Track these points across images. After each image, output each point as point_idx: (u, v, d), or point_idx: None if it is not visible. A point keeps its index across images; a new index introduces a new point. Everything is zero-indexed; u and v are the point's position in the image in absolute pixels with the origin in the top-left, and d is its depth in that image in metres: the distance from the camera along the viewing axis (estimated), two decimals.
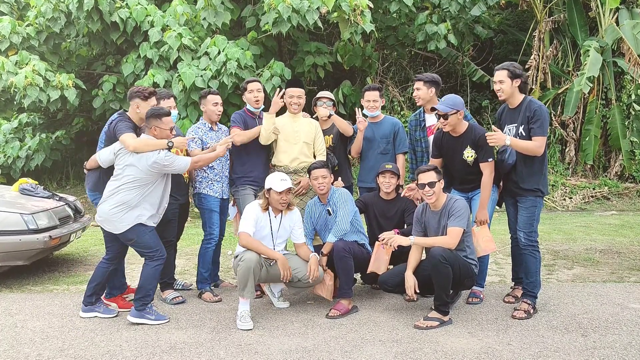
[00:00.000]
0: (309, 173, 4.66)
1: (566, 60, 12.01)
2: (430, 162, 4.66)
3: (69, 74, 9.43)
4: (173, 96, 4.94)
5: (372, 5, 8.91)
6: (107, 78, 9.81)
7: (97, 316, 4.32)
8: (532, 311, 4.21)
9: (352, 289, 4.39)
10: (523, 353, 3.52)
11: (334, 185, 4.70)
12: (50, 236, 5.30)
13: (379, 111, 5.08)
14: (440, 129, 4.48)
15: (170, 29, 9.08)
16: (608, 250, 6.49)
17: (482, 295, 4.63)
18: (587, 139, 11.14)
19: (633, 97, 11.20)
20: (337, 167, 5.07)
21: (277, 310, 4.51)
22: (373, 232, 4.76)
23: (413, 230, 4.36)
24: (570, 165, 11.48)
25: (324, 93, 5.26)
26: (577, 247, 6.72)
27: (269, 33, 9.02)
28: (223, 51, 8.78)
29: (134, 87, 4.54)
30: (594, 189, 10.85)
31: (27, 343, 3.84)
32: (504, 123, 4.37)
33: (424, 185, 4.18)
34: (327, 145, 5.13)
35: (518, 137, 4.21)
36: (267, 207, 4.35)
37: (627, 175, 11.24)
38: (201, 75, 8.66)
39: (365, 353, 3.57)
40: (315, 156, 5.01)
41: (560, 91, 11.55)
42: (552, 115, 11.30)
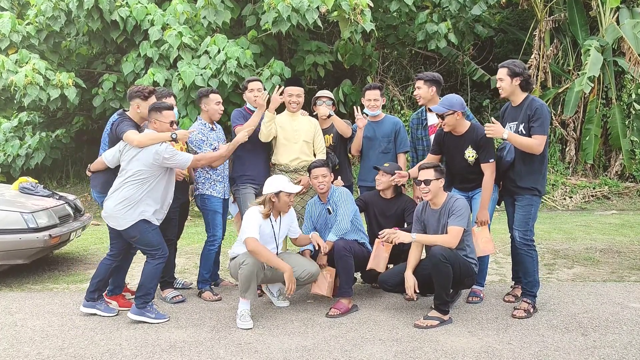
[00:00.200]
0: (309, 172, 4.66)
1: (566, 59, 11.99)
2: (428, 157, 4.67)
3: (69, 72, 9.42)
4: (173, 95, 4.94)
5: (372, 4, 8.90)
6: (107, 77, 9.80)
7: (96, 313, 4.32)
8: (532, 310, 4.21)
9: (352, 288, 4.39)
10: (523, 352, 3.52)
11: (333, 185, 4.70)
12: (50, 235, 5.30)
13: (379, 110, 5.08)
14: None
15: (171, 27, 9.08)
16: (608, 250, 6.49)
17: (482, 295, 4.62)
18: (587, 138, 11.13)
19: (633, 96, 11.19)
20: (337, 166, 5.07)
21: (277, 309, 4.50)
22: (373, 231, 4.75)
23: (413, 229, 4.35)
24: (571, 165, 11.47)
25: (324, 92, 5.25)
26: (577, 246, 6.72)
27: (269, 32, 9.02)
28: (223, 50, 8.77)
29: (134, 86, 4.53)
30: (594, 188, 10.84)
31: (27, 342, 3.84)
32: (506, 121, 4.37)
33: (420, 182, 4.18)
34: (327, 144, 5.13)
35: (518, 134, 4.20)
36: (269, 214, 4.25)
37: (628, 175, 11.24)
38: (201, 74, 8.65)
39: (365, 352, 3.57)
40: (315, 154, 5.01)
41: (560, 90, 11.54)
42: (553, 115, 11.29)
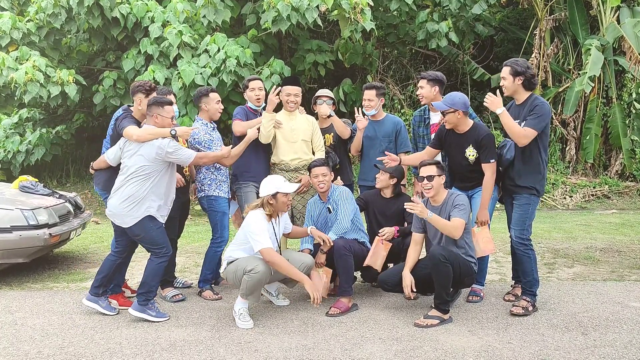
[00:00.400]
0: (309, 171, 4.66)
1: (567, 58, 11.98)
2: (426, 149, 4.67)
3: (69, 69, 9.41)
4: (173, 93, 4.93)
5: (372, 3, 8.89)
6: (108, 74, 9.80)
7: (97, 309, 4.31)
8: (530, 308, 4.21)
9: (352, 287, 4.39)
10: (523, 351, 3.52)
11: (334, 184, 4.69)
12: (50, 233, 5.30)
13: (375, 110, 5.04)
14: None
15: (171, 24, 9.07)
16: (608, 249, 6.49)
17: (482, 294, 4.62)
18: (587, 138, 11.13)
19: (634, 95, 11.18)
20: (338, 166, 5.07)
21: (276, 308, 4.50)
22: (373, 230, 4.75)
23: (413, 227, 4.36)
24: (571, 164, 11.47)
25: (324, 91, 5.24)
26: (577, 245, 6.72)
27: (269, 31, 9.01)
28: (223, 49, 8.77)
29: (136, 82, 4.53)
30: (594, 187, 10.84)
31: (27, 340, 3.83)
32: None
33: (422, 178, 4.18)
34: (328, 143, 5.13)
35: None
36: (271, 216, 4.24)
37: (628, 174, 11.24)
38: (201, 73, 8.65)
39: (365, 351, 3.57)
40: (314, 153, 5.01)
41: (561, 89, 11.53)
42: (553, 114, 11.29)
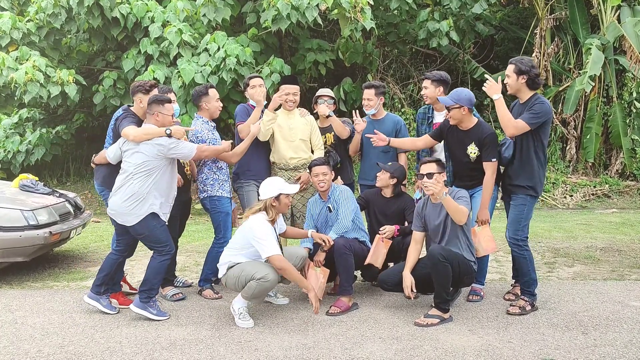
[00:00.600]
0: (310, 170, 4.66)
1: (567, 57, 11.97)
2: (424, 137, 4.68)
3: (69, 69, 9.40)
4: (173, 92, 4.93)
5: (372, 2, 8.88)
6: (108, 74, 9.79)
7: (98, 307, 4.31)
8: (528, 307, 4.20)
9: (352, 286, 4.39)
10: (523, 351, 3.52)
11: (334, 183, 4.69)
12: (50, 232, 5.30)
13: (375, 109, 5.05)
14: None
15: (171, 24, 9.07)
16: (609, 248, 6.48)
17: (482, 293, 4.62)
18: (588, 137, 11.11)
19: (634, 94, 11.15)
20: (339, 165, 5.07)
21: (276, 307, 4.50)
22: (373, 229, 4.75)
23: (413, 225, 4.36)
24: (571, 163, 11.46)
25: (325, 91, 5.24)
26: (577, 244, 6.71)
27: (269, 30, 9.00)
28: (222, 47, 8.76)
29: (136, 82, 4.54)
30: (594, 186, 10.83)
31: (27, 339, 3.84)
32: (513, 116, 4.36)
33: (422, 175, 4.19)
34: (328, 143, 5.14)
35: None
36: (275, 220, 4.21)
37: (628, 173, 11.21)
38: (200, 72, 8.64)
39: (365, 350, 3.57)
40: (313, 152, 5.02)
41: (561, 89, 11.52)
42: (554, 113, 11.28)
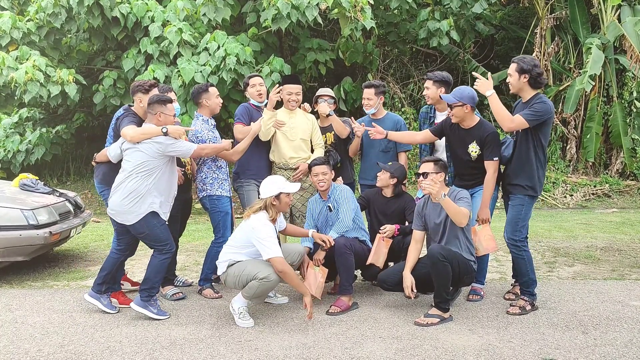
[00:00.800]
0: (310, 169, 4.66)
1: (567, 57, 11.97)
2: (425, 131, 4.68)
3: (69, 69, 9.42)
4: (173, 91, 4.93)
5: (372, 1, 8.88)
6: (108, 73, 9.80)
7: (98, 306, 4.32)
8: (528, 307, 4.20)
9: (352, 286, 4.39)
10: (524, 350, 3.52)
11: (334, 183, 4.69)
12: (50, 232, 5.29)
13: (374, 109, 5.04)
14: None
15: (171, 24, 9.07)
16: (609, 248, 6.48)
17: (482, 293, 4.62)
18: (588, 137, 11.12)
19: (635, 94, 11.17)
20: (339, 164, 5.07)
21: (277, 306, 4.50)
22: (374, 228, 4.74)
23: (414, 225, 4.36)
24: (572, 163, 11.46)
25: (325, 90, 5.24)
26: (577, 244, 6.71)
27: (269, 29, 9.00)
28: (222, 46, 8.76)
29: (136, 81, 4.55)
30: (595, 186, 10.84)
31: (27, 339, 3.84)
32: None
33: (419, 174, 4.19)
34: (329, 142, 5.14)
35: (520, 130, 4.19)
36: (276, 219, 4.20)
37: (629, 173, 11.22)
38: (200, 71, 8.65)
39: (365, 350, 3.57)
40: (313, 150, 5.02)
41: (561, 88, 11.52)
42: (555, 113, 11.28)
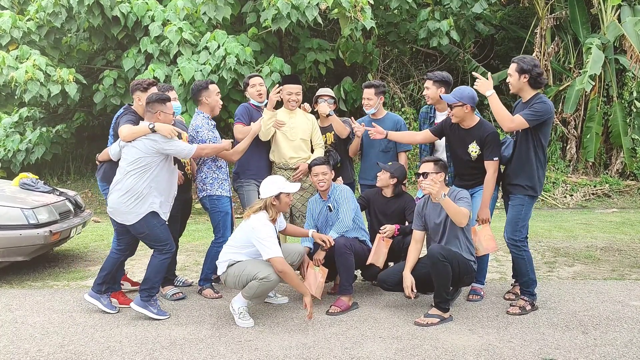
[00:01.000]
0: (310, 169, 4.66)
1: (567, 57, 11.97)
2: (425, 131, 4.68)
3: (69, 68, 9.41)
4: (173, 90, 4.93)
5: (372, 1, 8.88)
6: (108, 73, 9.80)
7: (98, 306, 4.31)
8: (528, 307, 4.20)
9: (352, 286, 4.39)
10: (524, 350, 3.52)
11: (334, 183, 4.69)
12: (50, 231, 5.29)
13: (374, 109, 5.04)
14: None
15: (171, 23, 9.06)
16: (609, 248, 6.48)
17: (482, 293, 4.62)
18: (588, 136, 11.12)
19: (635, 94, 11.17)
20: (339, 164, 5.07)
21: (277, 306, 4.50)
22: (374, 228, 4.74)
23: (414, 225, 4.36)
24: (572, 163, 11.46)
25: (325, 90, 5.24)
26: (577, 244, 6.71)
27: (269, 29, 9.00)
28: (222, 45, 8.76)
29: (135, 80, 4.54)
30: (595, 186, 10.84)
31: (27, 339, 3.84)
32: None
33: (419, 174, 4.20)
34: (329, 142, 5.14)
35: (519, 130, 4.19)
36: (276, 219, 4.20)
37: (629, 173, 11.22)
38: (200, 70, 8.65)
39: (365, 350, 3.57)
40: (312, 149, 5.02)
41: (561, 88, 11.52)
42: (554, 113, 11.27)
